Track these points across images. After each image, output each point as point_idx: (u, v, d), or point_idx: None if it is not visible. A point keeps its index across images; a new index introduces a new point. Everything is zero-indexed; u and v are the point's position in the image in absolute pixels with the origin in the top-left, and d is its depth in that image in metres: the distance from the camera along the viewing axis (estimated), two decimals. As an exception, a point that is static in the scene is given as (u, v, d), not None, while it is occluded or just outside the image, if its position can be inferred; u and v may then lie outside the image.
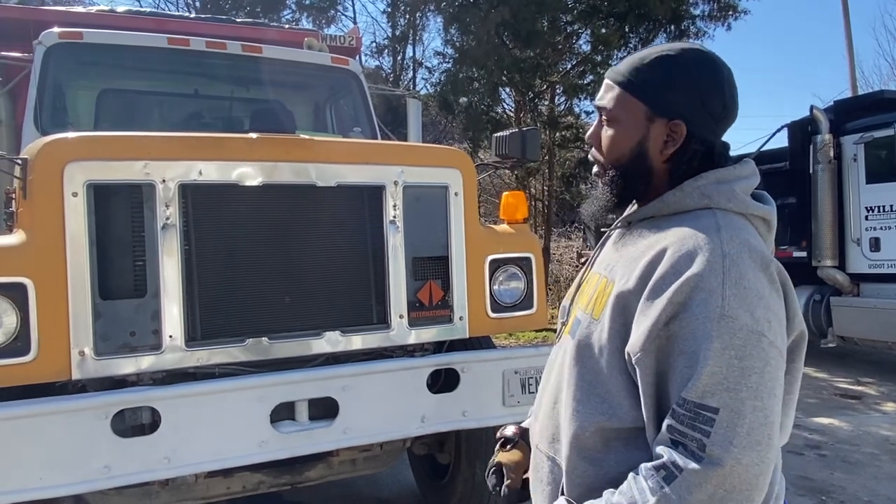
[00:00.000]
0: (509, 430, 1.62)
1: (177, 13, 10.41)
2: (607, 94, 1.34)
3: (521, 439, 1.59)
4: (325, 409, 2.96)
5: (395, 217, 3.14)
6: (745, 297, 1.09)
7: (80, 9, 5.65)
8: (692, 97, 1.26)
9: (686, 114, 1.26)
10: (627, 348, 1.16)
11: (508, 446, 1.59)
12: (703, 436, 1.04)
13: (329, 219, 3.09)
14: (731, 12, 12.65)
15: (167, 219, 2.74)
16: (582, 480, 1.22)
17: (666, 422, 1.09)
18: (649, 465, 1.09)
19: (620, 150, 1.31)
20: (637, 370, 1.14)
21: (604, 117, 1.35)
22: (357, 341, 3.10)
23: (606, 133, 1.34)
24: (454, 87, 12.10)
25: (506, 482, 1.51)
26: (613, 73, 1.35)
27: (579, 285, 1.41)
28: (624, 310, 1.18)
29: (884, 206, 7.68)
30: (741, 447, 1.02)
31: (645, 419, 1.15)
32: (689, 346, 1.08)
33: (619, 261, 1.28)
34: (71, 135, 2.82)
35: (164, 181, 2.74)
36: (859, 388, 7.61)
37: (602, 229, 1.55)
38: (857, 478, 4.78)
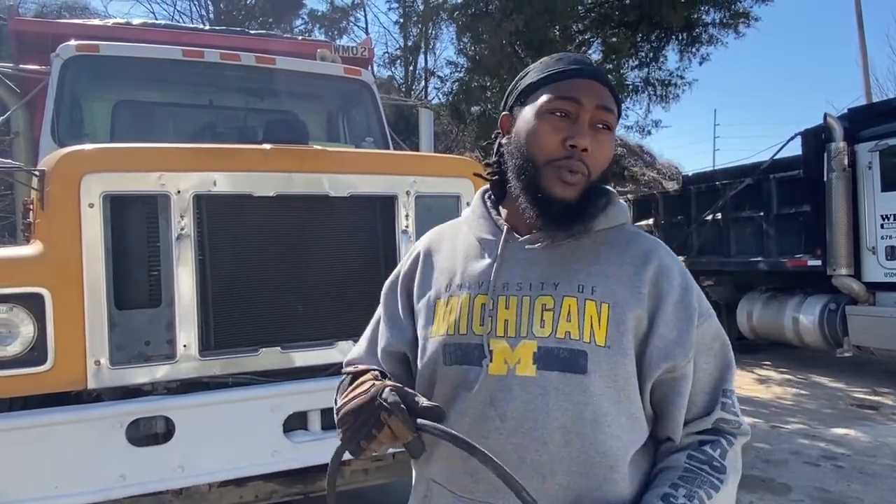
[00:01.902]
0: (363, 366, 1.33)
1: (191, 25, 10.53)
2: (610, 99, 1.22)
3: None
4: (337, 419, 2.96)
5: (407, 227, 3.15)
6: None
7: (96, 22, 5.72)
8: None
9: None
10: (674, 360, 1.16)
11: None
12: (736, 416, 1.24)
13: (342, 229, 3.11)
14: (742, 19, 12.61)
15: (182, 229, 2.77)
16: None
17: (716, 415, 1.21)
18: (705, 448, 1.20)
19: (609, 159, 1.24)
20: (681, 379, 1.18)
21: (603, 123, 1.20)
22: (369, 351, 3.10)
23: (603, 139, 1.20)
24: (466, 96, 12.13)
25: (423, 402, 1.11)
26: (603, 75, 1.24)
27: (487, 310, 1.19)
28: (635, 329, 1.17)
29: (900, 214, 7.62)
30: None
31: (671, 424, 1.21)
32: (716, 344, 1.23)
33: (571, 274, 1.18)
34: (88, 147, 2.85)
35: (179, 192, 2.77)
36: (876, 398, 7.52)
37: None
38: (874, 489, 4.72)
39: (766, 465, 5.28)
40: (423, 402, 1.09)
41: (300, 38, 7.69)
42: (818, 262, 8.29)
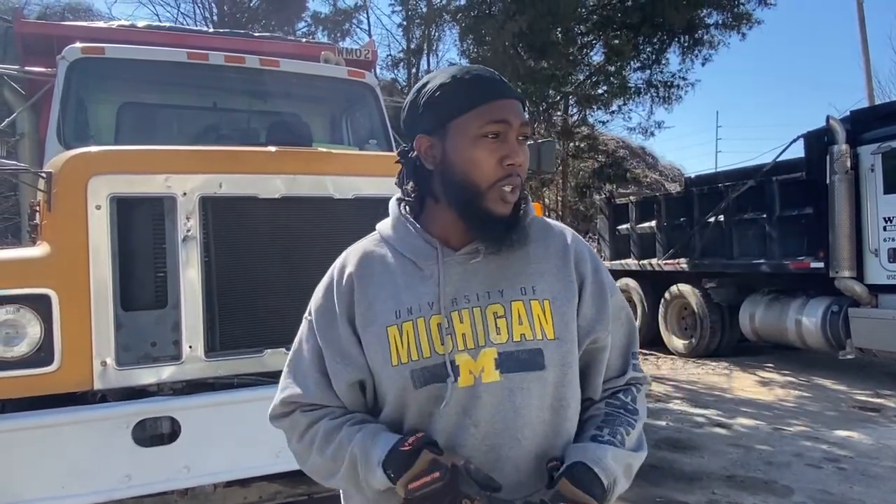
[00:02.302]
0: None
1: (195, 28, 10.56)
2: (524, 112, 1.29)
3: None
4: (341, 420, 2.97)
5: (411, 229, 3.16)
6: None
7: (101, 24, 5.75)
8: None
9: None
10: (596, 334, 1.33)
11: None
12: (642, 372, 1.44)
13: (346, 231, 3.10)
14: (745, 21, 12.63)
15: (188, 231, 2.78)
16: None
17: (629, 375, 1.40)
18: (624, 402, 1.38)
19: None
20: (602, 349, 1.36)
21: (524, 136, 1.26)
22: (373, 352, 3.11)
23: (524, 149, 1.26)
24: (468, 98, 12.14)
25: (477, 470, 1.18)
26: (512, 91, 1.28)
27: (444, 329, 1.23)
28: (574, 315, 1.31)
29: (902, 217, 7.62)
30: None
31: (592, 386, 1.38)
32: (623, 314, 1.41)
33: (511, 279, 1.27)
34: (95, 149, 2.87)
35: (185, 194, 2.79)
36: (878, 400, 7.51)
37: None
38: (876, 491, 4.72)
39: (768, 466, 5.28)
40: (494, 481, 1.16)
41: (303, 40, 7.71)
42: (821, 265, 8.28)
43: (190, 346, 2.79)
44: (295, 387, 1.33)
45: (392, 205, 1.39)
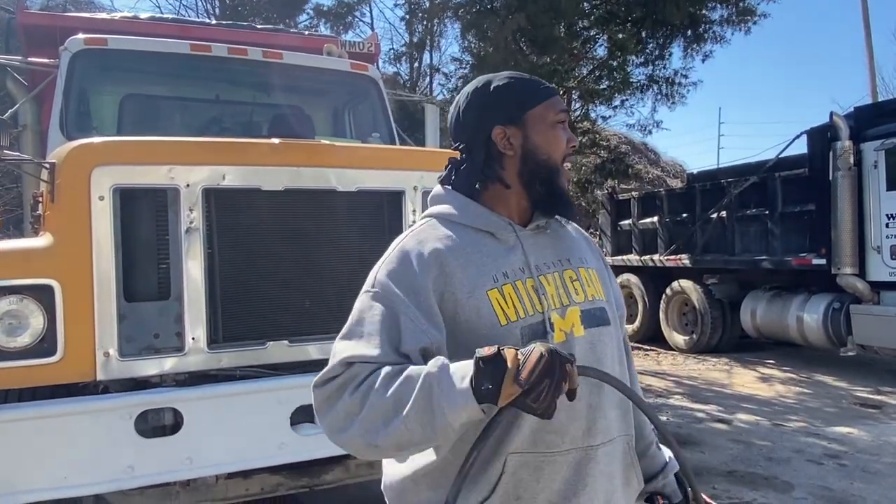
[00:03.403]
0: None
1: (198, 20, 10.54)
2: None
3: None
4: (344, 413, 2.98)
5: (414, 221, 3.15)
6: None
7: (104, 15, 5.73)
8: None
9: None
10: (622, 310, 1.58)
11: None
12: None
13: (349, 223, 3.12)
14: (749, 16, 12.56)
15: (191, 223, 2.78)
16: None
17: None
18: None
19: None
20: (622, 324, 1.55)
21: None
22: (376, 345, 3.12)
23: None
24: (471, 92, 12.11)
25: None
26: None
27: (538, 290, 1.38)
28: (606, 285, 1.53)
29: (905, 214, 7.61)
30: None
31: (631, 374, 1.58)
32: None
33: (570, 250, 1.49)
34: (98, 140, 2.87)
35: (188, 185, 2.78)
36: (879, 397, 7.52)
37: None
38: (877, 487, 4.73)
39: (769, 462, 5.29)
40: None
41: (306, 33, 7.69)
42: (823, 261, 8.27)
43: (193, 338, 2.79)
44: (359, 348, 1.31)
45: (445, 191, 1.50)
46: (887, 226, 7.75)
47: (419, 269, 1.34)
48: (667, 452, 1.58)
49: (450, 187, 1.50)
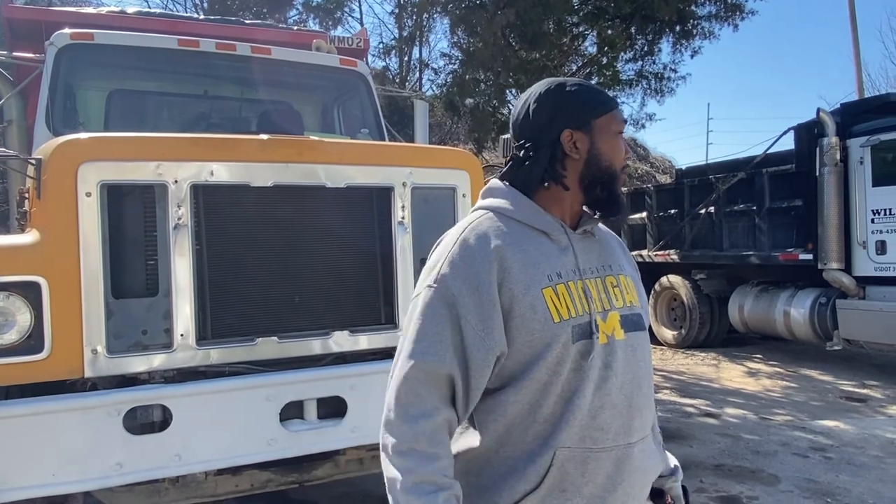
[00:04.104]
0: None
1: (186, 14, 10.46)
2: None
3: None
4: (333, 409, 2.99)
5: (403, 218, 3.16)
6: None
7: (90, 10, 5.69)
8: None
9: None
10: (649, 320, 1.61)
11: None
12: None
13: (338, 220, 3.12)
14: (738, 13, 12.62)
15: (179, 219, 2.77)
16: None
17: None
18: None
19: None
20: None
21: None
22: (365, 341, 3.13)
23: None
24: (460, 88, 12.10)
25: None
26: None
27: (586, 292, 1.44)
28: (640, 293, 1.58)
29: (890, 209, 7.67)
30: None
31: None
32: None
33: (611, 257, 1.55)
34: (85, 135, 2.85)
35: (176, 181, 2.77)
36: (864, 391, 7.60)
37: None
38: (862, 480, 4.78)
39: (755, 456, 5.34)
40: None
41: (295, 28, 7.66)
42: (809, 257, 8.35)
43: (181, 335, 2.78)
44: (431, 354, 1.35)
45: (505, 186, 1.52)
46: (873, 221, 7.83)
47: (482, 264, 1.38)
48: (672, 460, 1.64)
49: (507, 183, 1.53)
